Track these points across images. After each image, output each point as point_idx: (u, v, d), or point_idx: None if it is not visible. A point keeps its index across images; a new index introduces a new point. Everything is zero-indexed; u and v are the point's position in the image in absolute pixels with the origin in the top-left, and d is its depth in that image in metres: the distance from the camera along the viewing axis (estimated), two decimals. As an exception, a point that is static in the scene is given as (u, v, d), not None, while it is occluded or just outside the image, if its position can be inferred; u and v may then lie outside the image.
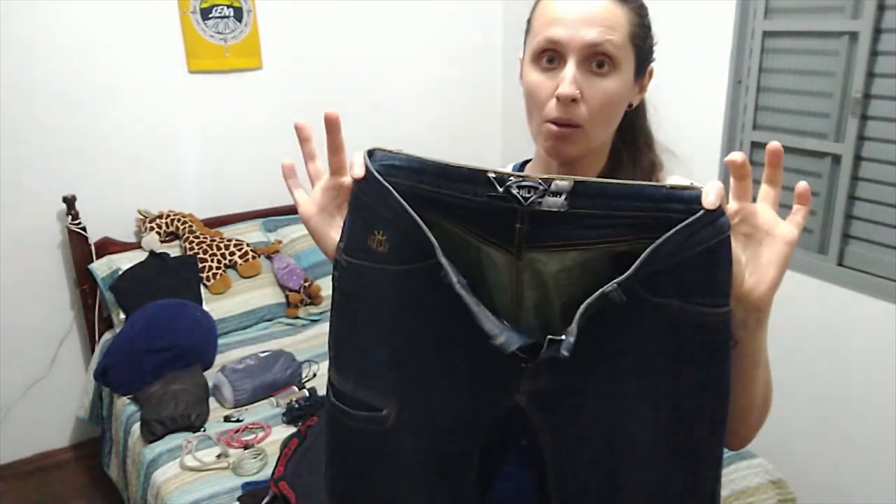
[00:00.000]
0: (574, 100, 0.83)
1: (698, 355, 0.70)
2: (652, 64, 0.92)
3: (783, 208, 0.73)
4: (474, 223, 0.71)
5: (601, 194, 0.67)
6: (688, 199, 0.66)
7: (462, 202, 0.70)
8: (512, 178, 0.68)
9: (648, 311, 0.68)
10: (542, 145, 0.89)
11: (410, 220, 0.70)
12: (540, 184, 0.67)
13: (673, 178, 0.96)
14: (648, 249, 0.65)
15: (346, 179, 0.80)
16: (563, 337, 0.66)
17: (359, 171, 0.75)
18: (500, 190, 0.67)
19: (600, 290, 0.66)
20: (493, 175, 0.68)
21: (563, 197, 0.67)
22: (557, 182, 0.67)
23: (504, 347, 0.67)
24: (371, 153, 0.76)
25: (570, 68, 0.82)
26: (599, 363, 0.71)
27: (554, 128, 0.85)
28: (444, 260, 0.69)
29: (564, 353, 0.65)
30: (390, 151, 0.74)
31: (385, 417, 0.77)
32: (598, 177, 0.94)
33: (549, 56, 0.84)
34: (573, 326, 0.66)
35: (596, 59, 0.83)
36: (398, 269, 0.73)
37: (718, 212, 0.66)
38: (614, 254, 0.69)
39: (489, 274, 0.73)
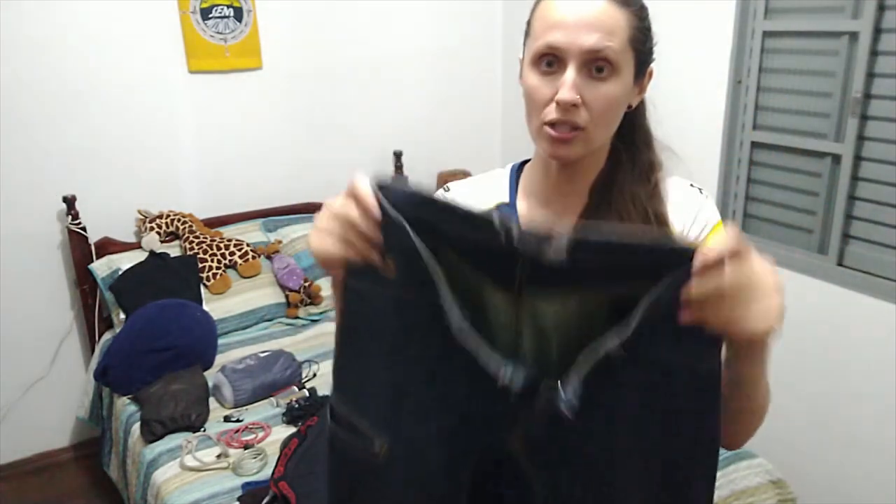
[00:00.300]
0: (574, 105, 0.83)
1: (690, 409, 0.70)
2: (652, 65, 0.92)
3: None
4: (477, 261, 0.71)
5: (602, 249, 0.66)
6: (686, 255, 0.65)
7: (465, 240, 0.70)
8: (514, 227, 0.67)
9: (644, 365, 0.68)
10: (542, 148, 0.89)
11: (418, 256, 0.70)
12: (543, 237, 0.67)
13: (673, 179, 0.96)
14: (646, 302, 0.65)
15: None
16: (561, 388, 0.67)
17: (373, 208, 0.72)
18: (503, 238, 0.67)
19: (605, 352, 0.66)
20: (497, 222, 0.68)
21: (564, 250, 0.66)
22: (559, 238, 0.66)
23: (511, 387, 0.67)
24: (381, 184, 0.73)
25: (570, 74, 0.82)
26: (594, 417, 0.70)
27: (554, 132, 0.85)
28: (445, 303, 0.69)
29: (566, 412, 0.66)
30: (397, 177, 0.74)
31: (377, 452, 0.76)
32: (598, 177, 0.94)
33: (549, 60, 0.84)
34: (576, 384, 0.66)
35: (595, 64, 0.83)
36: (403, 297, 0.73)
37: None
38: (613, 299, 0.69)
39: (490, 311, 0.73)
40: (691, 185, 0.96)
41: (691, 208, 0.93)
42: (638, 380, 0.69)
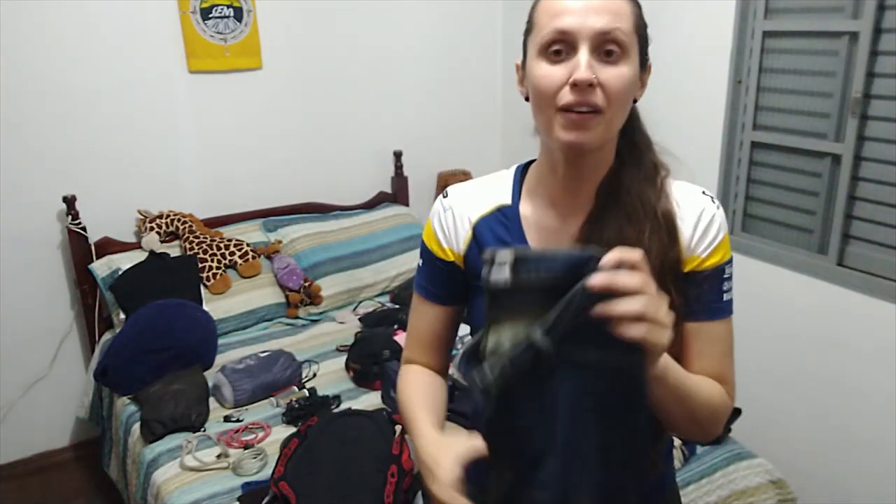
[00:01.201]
0: (591, 84, 0.82)
1: (620, 405, 0.74)
2: (650, 61, 0.92)
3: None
4: None
5: (537, 261, 0.72)
6: (595, 261, 0.70)
7: None
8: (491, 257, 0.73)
9: (576, 367, 0.72)
10: (559, 137, 0.86)
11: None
12: (488, 261, 0.73)
13: (682, 183, 0.95)
14: (565, 298, 0.70)
15: None
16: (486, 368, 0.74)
17: None
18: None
19: (528, 339, 0.71)
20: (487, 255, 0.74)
21: (507, 270, 0.72)
22: (500, 252, 0.72)
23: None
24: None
25: (584, 54, 0.83)
26: (535, 414, 0.76)
27: (573, 115, 0.84)
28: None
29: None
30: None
31: None
32: (605, 177, 0.94)
33: (557, 48, 0.84)
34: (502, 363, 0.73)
35: (606, 48, 0.83)
36: None
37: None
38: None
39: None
40: (703, 192, 0.95)
41: (702, 216, 0.92)
42: (572, 383, 0.73)
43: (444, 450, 0.84)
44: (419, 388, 1.04)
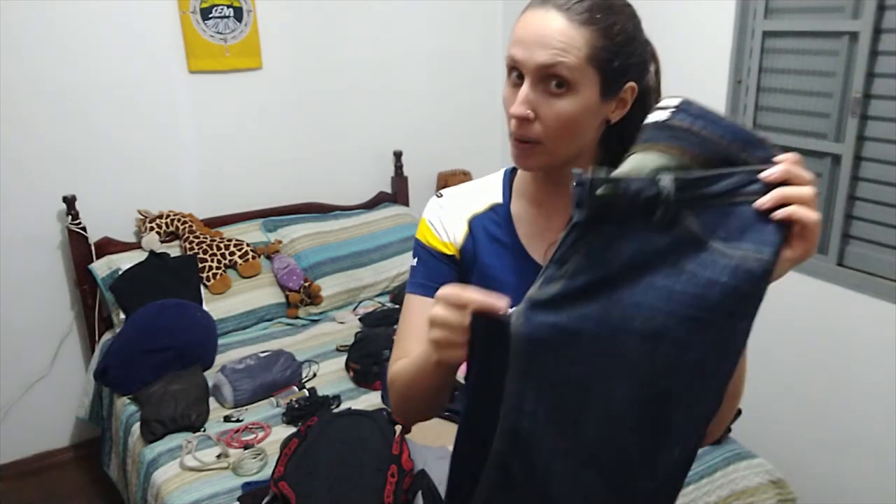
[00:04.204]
0: (526, 118, 0.86)
1: (724, 304, 0.68)
2: (632, 83, 0.89)
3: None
4: None
5: (702, 115, 0.73)
6: (763, 155, 0.70)
7: None
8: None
9: (701, 237, 0.69)
10: (511, 157, 0.93)
11: None
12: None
13: None
14: (715, 170, 0.69)
15: None
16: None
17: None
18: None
19: (654, 169, 0.69)
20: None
21: (668, 113, 0.73)
22: (667, 99, 0.75)
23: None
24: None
25: (525, 88, 0.86)
26: (622, 272, 0.70)
27: (516, 143, 0.90)
28: None
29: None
30: None
31: None
32: None
33: (517, 73, 0.87)
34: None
35: (553, 80, 0.85)
36: None
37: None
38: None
39: None
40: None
41: None
42: (675, 257, 0.69)
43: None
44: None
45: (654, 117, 0.72)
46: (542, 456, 0.76)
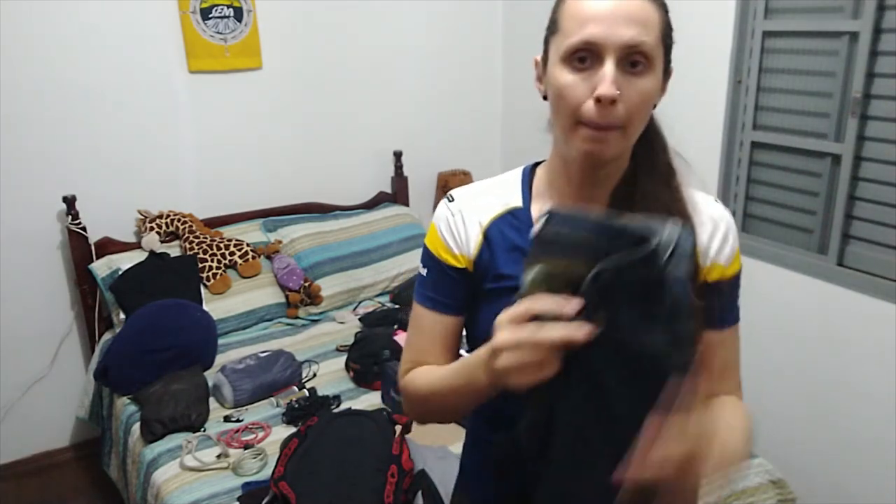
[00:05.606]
0: (614, 101, 0.80)
1: (641, 384, 0.72)
2: (672, 65, 0.89)
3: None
4: None
5: (570, 220, 0.73)
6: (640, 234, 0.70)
7: None
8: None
9: (609, 336, 0.71)
10: (577, 148, 0.85)
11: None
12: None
13: (690, 189, 0.93)
14: (599, 264, 0.70)
15: None
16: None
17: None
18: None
19: (595, 271, 0.70)
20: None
21: (542, 222, 0.74)
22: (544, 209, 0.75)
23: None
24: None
25: (610, 68, 0.79)
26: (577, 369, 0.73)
27: (594, 130, 0.82)
28: None
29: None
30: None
31: None
32: (621, 179, 0.92)
33: (582, 55, 0.81)
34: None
35: (632, 59, 0.80)
36: None
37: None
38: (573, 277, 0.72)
39: None
40: (716, 199, 0.95)
41: (720, 225, 0.92)
42: (608, 350, 0.71)
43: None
44: (433, 367, 0.98)
45: (531, 232, 0.75)
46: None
